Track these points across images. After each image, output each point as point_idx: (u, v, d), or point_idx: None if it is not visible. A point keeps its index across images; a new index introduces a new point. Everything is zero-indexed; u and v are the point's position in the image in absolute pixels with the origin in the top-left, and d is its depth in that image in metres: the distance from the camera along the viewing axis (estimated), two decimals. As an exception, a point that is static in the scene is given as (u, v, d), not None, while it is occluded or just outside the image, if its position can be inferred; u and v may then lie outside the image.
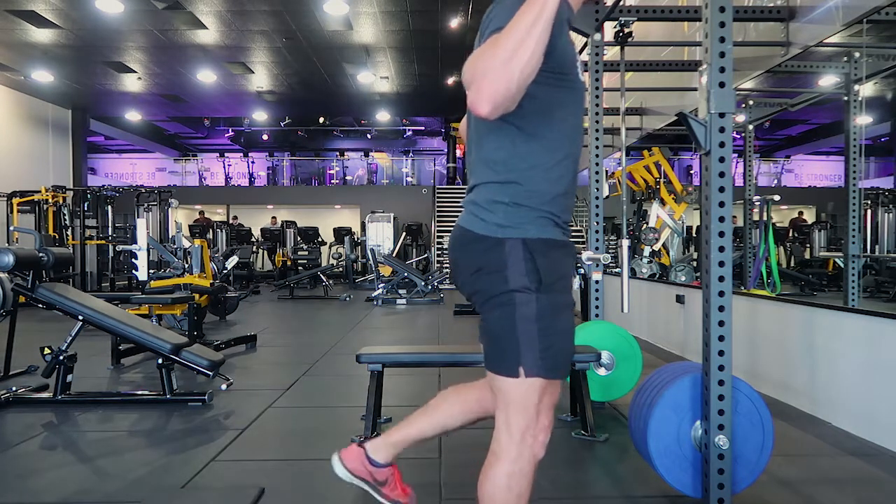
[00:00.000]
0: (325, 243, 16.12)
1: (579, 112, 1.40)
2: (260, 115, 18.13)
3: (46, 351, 3.66)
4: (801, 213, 14.16)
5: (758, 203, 6.16)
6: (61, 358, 3.65)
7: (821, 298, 7.25)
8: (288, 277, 12.45)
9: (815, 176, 19.71)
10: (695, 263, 7.84)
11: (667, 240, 8.04)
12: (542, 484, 2.43)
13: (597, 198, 3.96)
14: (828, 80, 5.52)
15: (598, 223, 3.97)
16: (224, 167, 21.73)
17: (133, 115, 17.49)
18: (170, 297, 5.27)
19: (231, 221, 16.28)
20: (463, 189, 18.00)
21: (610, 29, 4.22)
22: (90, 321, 3.81)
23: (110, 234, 12.30)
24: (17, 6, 9.44)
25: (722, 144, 2.09)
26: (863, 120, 4.80)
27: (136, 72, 13.13)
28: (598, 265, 3.75)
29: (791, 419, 3.35)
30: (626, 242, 3.58)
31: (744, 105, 6.64)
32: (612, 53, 5.41)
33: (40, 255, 3.88)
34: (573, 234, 14.72)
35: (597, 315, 3.90)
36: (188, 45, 11.49)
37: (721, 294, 2.12)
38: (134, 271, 5.92)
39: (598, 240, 3.96)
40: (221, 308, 7.44)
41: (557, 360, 1.34)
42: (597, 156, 3.99)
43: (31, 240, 4.33)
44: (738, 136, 7.45)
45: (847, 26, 3.77)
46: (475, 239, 1.34)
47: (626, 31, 3.89)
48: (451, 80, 14.28)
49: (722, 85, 2.07)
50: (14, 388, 3.73)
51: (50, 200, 11.50)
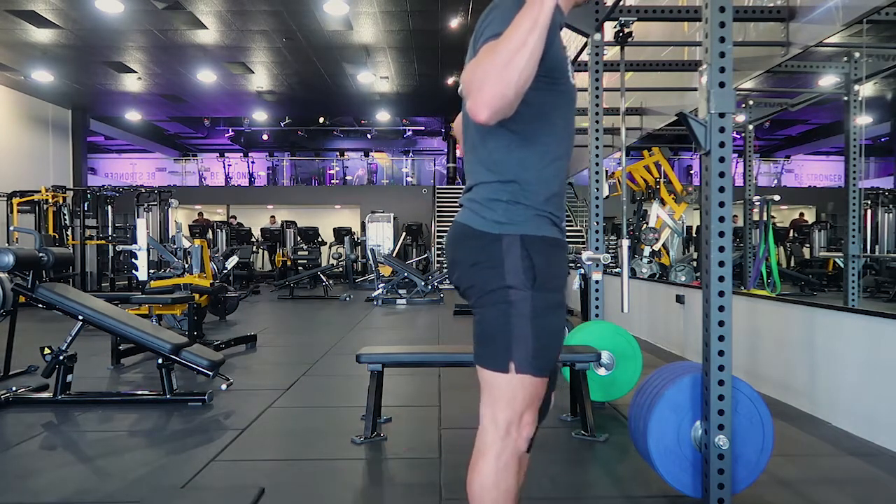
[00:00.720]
0: (325, 243, 16.12)
1: (571, 114, 1.42)
2: (260, 115, 18.13)
3: (46, 351, 3.66)
4: (802, 214, 14.16)
5: (758, 203, 6.16)
6: (61, 358, 3.65)
7: (821, 298, 7.24)
8: (288, 277, 12.45)
9: (815, 176, 19.70)
10: (695, 263, 7.84)
11: (667, 240, 8.04)
12: (542, 484, 2.43)
13: (597, 198, 3.96)
14: (828, 80, 5.52)
15: (598, 223, 3.97)
16: (224, 167, 21.73)
17: (133, 115, 17.49)
18: (170, 297, 5.27)
19: (230, 221, 16.27)
20: (463, 189, 17.96)
21: (610, 29, 4.22)
22: (90, 321, 3.81)
23: (110, 234, 12.30)
24: (17, 6, 9.44)
25: (722, 144, 2.09)
26: (863, 120, 4.80)
27: (136, 72, 13.13)
28: (598, 265, 3.75)
29: (791, 419, 3.35)
30: (626, 242, 3.58)
31: (744, 105, 6.64)
32: (612, 53, 5.41)
33: (40, 255, 3.88)
34: (573, 234, 14.60)
35: (597, 315, 3.90)
36: (188, 45, 11.49)
37: (721, 294, 2.12)
38: (134, 271, 5.92)
39: (598, 240, 3.96)
40: (221, 308, 7.44)
41: (548, 358, 1.36)
42: (597, 156, 3.99)
43: (31, 240, 4.33)
44: (738, 136, 7.45)
45: (847, 26, 3.77)
46: (473, 235, 1.35)
47: (626, 31, 3.89)
48: (451, 80, 14.27)
49: (722, 85, 2.07)
50: (14, 388, 3.73)
51: (50, 200, 11.50)
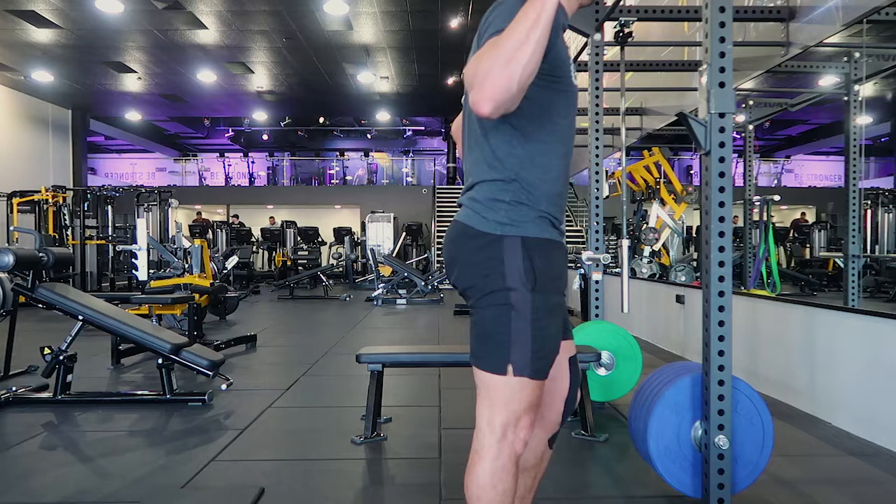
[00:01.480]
0: (325, 243, 16.12)
1: (573, 113, 1.43)
2: (260, 115, 18.13)
3: (46, 351, 3.66)
4: (803, 214, 14.16)
5: (758, 203, 6.17)
6: (61, 358, 3.65)
7: (821, 298, 7.25)
8: (288, 277, 12.45)
9: (815, 176, 19.71)
10: (695, 263, 7.84)
11: (667, 240, 8.04)
12: (542, 483, 2.42)
13: (597, 198, 3.96)
14: (828, 80, 5.52)
15: (598, 223, 3.97)
16: (224, 167, 21.73)
17: (133, 115, 17.49)
18: (170, 297, 5.27)
19: (231, 221, 16.27)
20: (462, 188, 17.96)
21: (610, 29, 4.22)
22: (90, 321, 3.81)
23: (110, 234, 12.30)
24: (17, 6, 9.45)
25: (722, 144, 2.09)
26: (863, 120, 4.80)
27: (136, 72, 13.14)
28: (598, 265, 3.75)
29: (791, 419, 3.35)
30: (626, 242, 3.58)
31: (744, 105, 6.64)
32: (612, 53, 5.41)
33: (40, 255, 3.88)
34: (573, 234, 14.59)
35: (597, 315, 3.90)
36: (188, 45, 11.50)
37: (721, 294, 2.12)
38: (134, 271, 5.92)
39: (598, 240, 3.96)
40: (221, 308, 7.44)
41: (546, 361, 1.36)
42: (597, 156, 3.99)
43: (31, 240, 4.33)
44: (738, 136, 7.45)
45: (847, 26, 3.78)
46: (475, 235, 1.35)
47: (626, 31, 3.89)
48: (451, 80, 14.28)
49: (722, 85, 2.07)
50: (14, 388, 3.73)
51: (50, 200, 11.50)
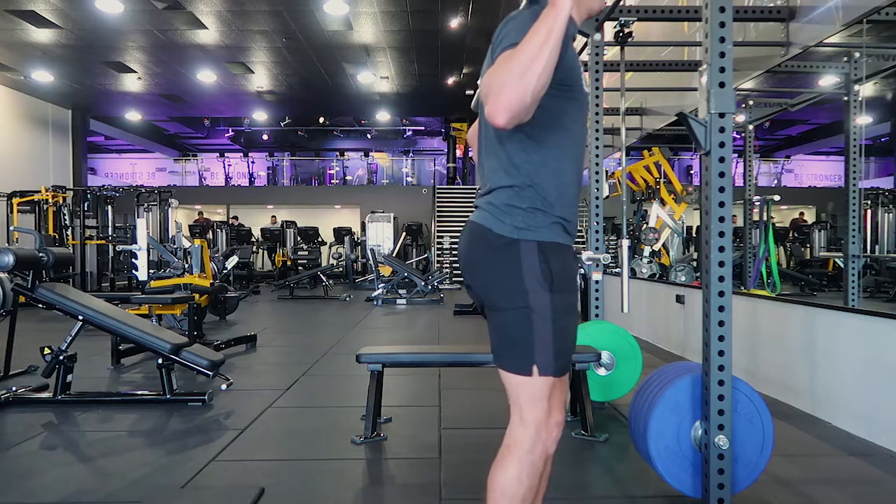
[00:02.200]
0: (325, 243, 16.12)
1: (584, 121, 1.46)
2: (260, 115, 18.13)
3: (46, 351, 3.66)
4: (801, 214, 14.16)
5: (758, 203, 6.17)
6: (61, 358, 3.65)
7: (821, 298, 7.25)
8: (288, 277, 12.45)
9: (815, 176, 19.71)
10: (695, 263, 7.84)
11: (667, 240, 8.04)
12: (542, 484, 2.43)
13: (597, 198, 3.96)
14: (828, 80, 5.52)
15: (598, 223, 3.97)
16: (224, 167, 21.72)
17: (133, 115, 17.49)
18: (170, 297, 5.27)
19: (231, 221, 16.27)
20: (463, 189, 18.01)
21: (610, 29, 4.22)
22: (90, 321, 3.81)
23: (110, 234, 12.30)
24: (17, 6, 9.45)
25: (722, 144, 2.09)
26: (863, 120, 4.80)
27: (136, 72, 13.14)
28: (598, 265, 3.75)
29: (791, 419, 3.35)
30: (626, 242, 3.58)
31: (744, 105, 6.64)
32: (612, 53, 5.41)
33: (40, 255, 3.88)
34: (573, 234, 14.80)
35: (597, 315, 3.90)
36: (188, 45, 11.50)
37: (721, 294, 2.12)
38: (134, 271, 5.92)
39: (598, 240, 3.96)
40: (221, 308, 7.44)
41: (568, 358, 1.41)
42: (597, 156, 3.99)
43: (31, 240, 4.33)
44: (738, 136, 7.45)
45: (847, 26, 3.78)
46: (492, 237, 1.39)
47: (626, 31, 3.89)
48: (451, 80, 14.27)
49: (722, 85, 2.07)
50: (14, 388, 3.73)
51: (50, 200, 11.50)
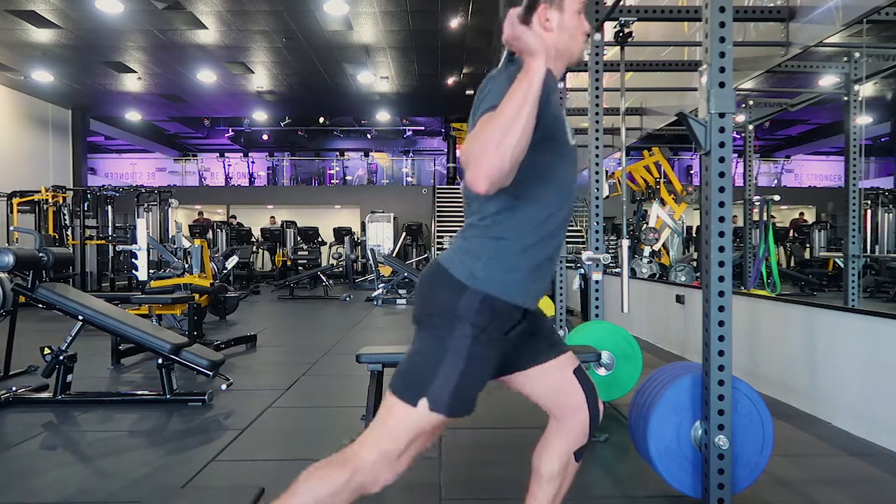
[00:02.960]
0: (325, 243, 16.12)
1: (571, 175, 1.44)
2: (260, 115, 18.13)
3: (46, 351, 3.66)
4: (801, 214, 14.16)
5: (758, 203, 6.17)
6: (61, 358, 3.65)
7: (821, 298, 7.25)
8: (288, 277, 12.45)
9: (815, 176, 19.70)
10: (695, 263, 7.84)
11: (667, 240, 8.04)
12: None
13: (597, 198, 3.96)
14: (828, 80, 5.52)
15: (598, 223, 3.97)
16: (224, 167, 21.72)
17: (133, 115, 17.49)
18: (170, 297, 5.27)
19: (230, 221, 16.27)
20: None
21: (610, 29, 4.22)
22: (90, 321, 3.81)
23: (110, 234, 12.30)
24: (17, 6, 9.44)
25: (722, 144, 2.09)
26: (863, 120, 4.80)
27: (136, 72, 13.13)
28: (598, 265, 3.75)
29: (791, 419, 3.35)
30: (626, 242, 3.59)
31: (744, 105, 6.64)
32: (612, 53, 5.41)
33: (40, 255, 3.88)
34: (573, 234, 14.57)
35: (597, 315, 3.90)
36: (188, 45, 11.49)
37: (721, 294, 2.12)
38: (134, 271, 5.92)
39: (598, 240, 3.96)
40: (221, 308, 7.44)
41: (465, 404, 1.35)
42: (597, 156, 3.99)
43: (31, 240, 4.33)
44: (738, 136, 7.45)
45: (847, 26, 3.78)
46: (444, 275, 1.37)
47: (626, 31, 3.89)
48: (451, 80, 14.27)
49: (722, 85, 2.07)
50: (14, 388, 3.73)
51: (50, 200, 11.50)
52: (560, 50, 1.43)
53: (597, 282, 3.87)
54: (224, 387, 3.96)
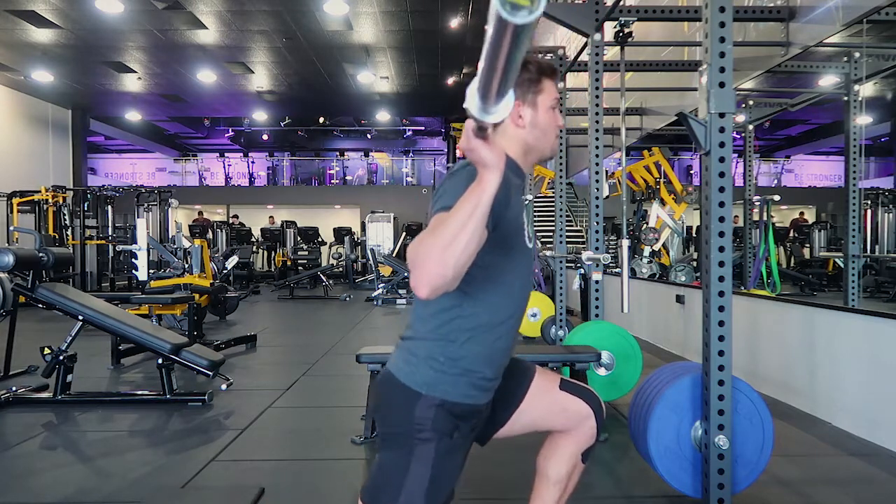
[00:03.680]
0: (325, 243, 16.12)
1: (526, 275, 1.42)
2: (260, 115, 18.13)
3: (46, 351, 3.66)
4: (802, 214, 14.15)
5: (758, 203, 6.16)
6: (61, 358, 3.65)
7: (821, 298, 7.25)
8: (288, 277, 12.45)
9: (815, 176, 19.69)
10: (695, 263, 7.84)
11: (667, 240, 8.04)
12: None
13: (597, 198, 3.96)
14: (828, 80, 5.52)
15: (598, 223, 3.97)
16: (224, 167, 21.71)
17: (133, 115, 17.49)
18: (170, 297, 5.27)
19: (231, 221, 16.27)
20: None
21: (610, 29, 4.22)
22: (90, 321, 3.81)
23: (110, 234, 12.30)
24: (17, 6, 9.44)
25: (722, 144, 2.09)
26: (863, 120, 4.80)
27: (136, 72, 13.13)
28: (598, 265, 3.75)
29: (791, 419, 3.35)
30: (626, 242, 3.59)
31: (744, 105, 6.64)
32: (612, 53, 5.41)
33: (40, 255, 3.88)
34: (573, 234, 14.50)
35: (597, 315, 3.90)
36: (188, 45, 11.49)
37: (721, 294, 2.12)
38: (134, 271, 5.92)
39: (598, 240, 3.96)
40: (221, 308, 7.44)
41: (441, 500, 1.34)
42: (597, 156, 3.99)
43: (31, 240, 4.33)
44: (738, 136, 7.45)
45: (847, 26, 3.78)
46: (396, 385, 1.34)
47: (626, 31, 3.89)
48: (451, 80, 14.27)
49: (722, 85, 2.07)
50: (14, 388, 3.73)
51: (50, 200, 11.50)
52: (531, 146, 1.41)
53: (597, 282, 3.87)
54: (224, 387, 3.96)
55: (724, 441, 2.07)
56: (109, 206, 12.41)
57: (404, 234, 16.01)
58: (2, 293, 3.89)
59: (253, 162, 21.91)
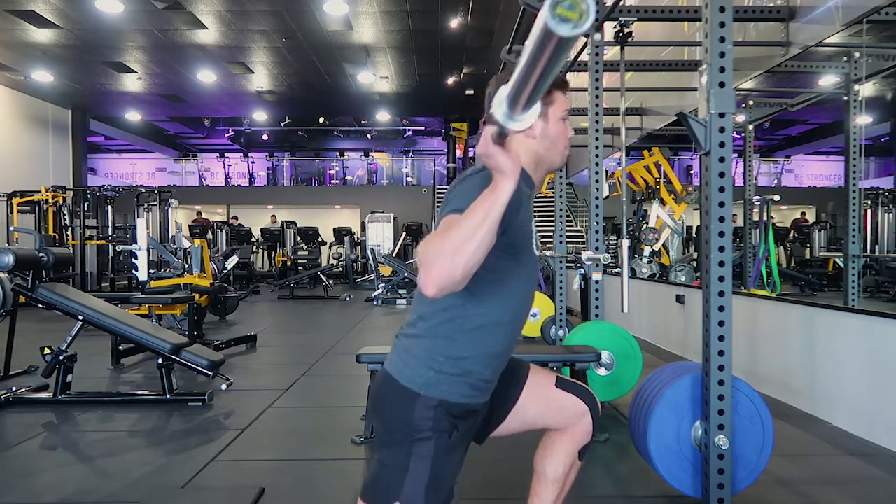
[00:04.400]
0: (325, 243, 16.12)
1: (531, 283, 1.42)
2: (260, 115, 18.12)
3: (46, 351, 3.66)
4: (803, 214, 14.15)
5: (758, 203, 6.17)
6: (61, 358, 3.65)
7: (821, 298, 7.25)
8: (288, 277, 12.44)
9: (815, 176, 19.69)
10: (695, 263, 7.84)
11: (667, 240, 8.04)
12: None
13: (597, 198, 3.96)
14: (828, 80, 5.52)
15: (598, 223, 3.97)
16: (224, 167, 21.71)
17: (133, 115, 17.48)
18: (170, 297, 5.27)
19: (231, 221, 16.27)
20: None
21: (610, 29, 4.22)
22: (90, 321, 3.81)
23: (110, 234, 12.30)
24: (17, 6, 9.44)
25: (722, 144, 2.09)
26: (863, 120, 4.80)
27: (136, 72, 13.13)
28: (598, 265, 3.75)
29: (791, 419, 3.35)
30: (626, 242, 3.59)
31: (744, 105, 6.64)
32: (612, 53, 5.40)
33: (40, 255, 3.88)
34: (573, 234, 14.52)
35: (597, 315, 3.90)
36: (188, 45, 11.49)
37: (721, 294, 2.12)
38: (134, 271, 5.92)
39: (598, 240, 3.96)
40: (221, 308, 7.44)
41: (441, 501, 1.34)
42: (597, 156, 3.99)
43: (31, 240, 4.33)
44: (738, 136, 7.45)
45: (847, 26, 3.78)
46: (394, 386, 1.35)
47: (626, 31, 3.89)
48: (451, 80, 14.27)
49: (722, 85, 2.07)
50: (14, 388, 3.73)
51: (50, 200, 11.50)
52: (542, 156, 1.43)
53: (597, 282, 3.87)
54: (224, 387, 3.96)
55: (724, 441, 2.07)
56: (109, 206, 12.41)
57: (404, 234, 16.01)
58: (2, 293, 3.89)
59: (253, 162, 21.91)
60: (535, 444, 1.62)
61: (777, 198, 6.09)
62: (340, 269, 14.38)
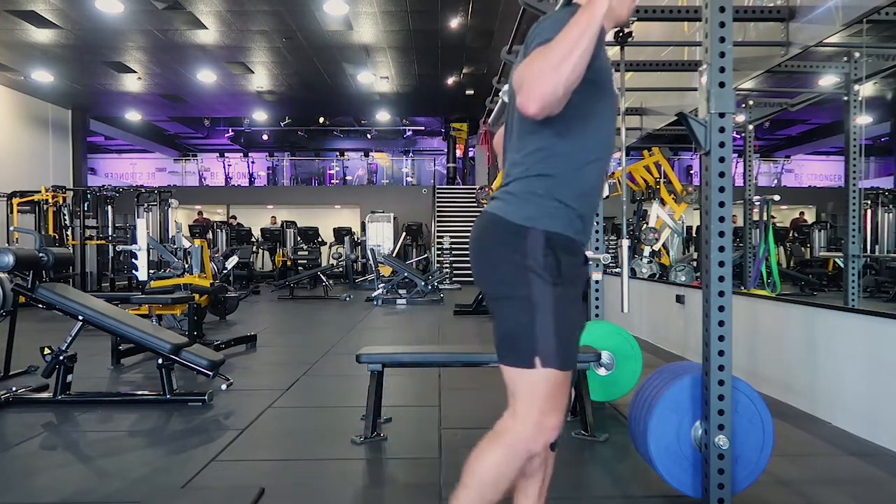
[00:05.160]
0: (325, 243, 16.12)
1: (613, 120, 1.48)
2: (260, 115, 18.12)
3: (46, 351, 3.66)
4: (802, 214, 14.16)
5: (758, 203, 6.16)
6: (61, 358, 3.65)
7: (821, 298, 7.24)
8: (288, 277, 12.44)
9: (815, 176, 19.69)
10: (695, 263, 7.84)
11: (667, 240, 8.03)
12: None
13: (597, 198, 3.95)
14: (828, 80, 5.52)
15: (598, 223, 3.97)
16: (224, 167, 21.71)
17: (133, 115, 17.49)
18: (170, 297, 5.27)
19: (230, 221, 16.27)
20: (463, 189, 18.01)
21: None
22: (90, 321, 3.81)
23: (110, 234, 12.30)
24: (17, 6, 9.44)
25: (722, 144, 2.09)
26: (863, 120, 4.80)
27: (136, 72, 13.13)
28: (598, 265, 3.75)
29: (791, 419, 3.35)
30: (626, 242, 3.56)
31: (744, 105, 6.63)
32: (612, 53, 5.40)
33: (40, 255, 3.88)
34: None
35: (597, 315, 3.90)
36: (188, 45, 11.49)
37: (721, 294, 2.12)
38: (134, 271, 5.92)
39: (598, 240, 3.96)
40: (221, 308, 7.44)
41: (571, 351, 1.39)
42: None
43: (31, 240, 4.33)
44: (738, 136, 7.45)
45: (847, 26, 3.77)
46: (502, 224, 1.40)
47: (626, 31, 3.88)
48: (451, 80, 14.27)
49: (722, 85, 2.07)
50: (14, 388, 3.73)
51: (50, 200, 11.50)
52: (612, 8, 1.45)
53: (597, 282, 3.87)
54: (224, 387, 3.96)
55: (724, 441, 2.07)
56: (109, 206, 12.41)
57: (404, 234, 16.01)
58: (2, 293, 3.89)
59: (253, 162, 21.92)
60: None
61: (777, 198, 6.08)
62: (340, 269, 14.38)
